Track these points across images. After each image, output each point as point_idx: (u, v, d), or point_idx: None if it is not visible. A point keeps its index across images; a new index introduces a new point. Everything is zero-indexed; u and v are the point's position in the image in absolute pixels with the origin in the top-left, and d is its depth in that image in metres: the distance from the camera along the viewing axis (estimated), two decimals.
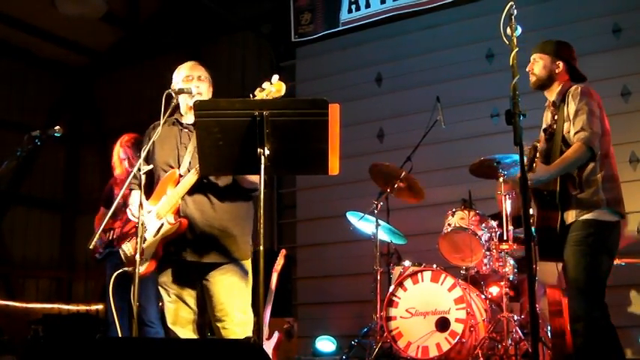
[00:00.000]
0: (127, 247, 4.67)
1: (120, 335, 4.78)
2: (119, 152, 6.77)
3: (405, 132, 9.03)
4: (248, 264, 4.54)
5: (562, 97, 4.83)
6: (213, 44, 11.85)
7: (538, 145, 4.76)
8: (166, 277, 4.51)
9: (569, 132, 4.71)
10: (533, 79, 4.97)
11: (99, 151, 12.89)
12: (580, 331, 4.49)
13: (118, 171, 6.75)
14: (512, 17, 3.96)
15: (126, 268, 4.54)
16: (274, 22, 11.26)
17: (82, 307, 12.28)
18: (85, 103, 13.52)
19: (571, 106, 4.71)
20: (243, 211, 4.55)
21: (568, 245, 4.64)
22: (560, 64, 4.91)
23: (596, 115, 4.65)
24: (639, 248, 7.78)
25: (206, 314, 4.54)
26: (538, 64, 4.95)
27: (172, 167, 4.50)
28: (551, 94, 4.94)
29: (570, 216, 4.67)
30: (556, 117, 4.84)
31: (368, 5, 9.97)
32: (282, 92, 4.18)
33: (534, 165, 4.69)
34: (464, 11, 9.38)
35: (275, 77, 4.11)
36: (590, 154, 4.59)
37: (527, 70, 4.97)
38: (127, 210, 4.56)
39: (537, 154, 4.70)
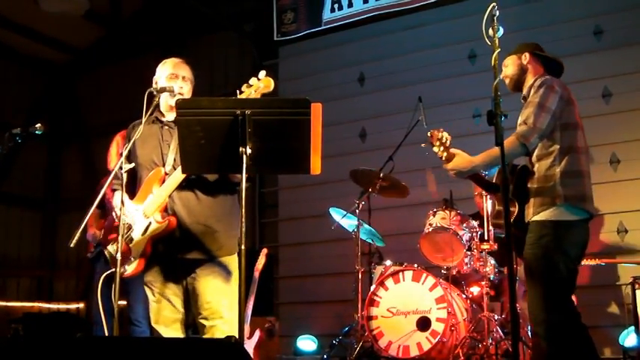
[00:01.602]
0: (113, 248, 4.64)
1: (107, 334, 4.76)
2: (119, 144, 6.72)
3: (387, 132, 9.05)
4: (233, 260, 4.51)
5: (529, 91, 4.68)
6: (196, 43, 11.82)
7: (439, 133, 4.71)
8: (152, 277, 4.49)
9: None
10: (507, 80, 4.85)
11: (80, 150, 12.86)
12: (542, 335, 4.34)
13: (113, 164, 6.69)
14: (495, 18, 3.96)
15: (114, 270, 4.52)
16: (257, 21, 11.26)
17: (63, 306, 12.23)
18: (67, 102, 13.44)
19: (529, 98, 4.59)
20: (228, 206, 4.53)
21: (525, 248, 4.50)
22: (526, 55, 4.79)
23: (546, 109, 4.44)
24: (619, 249, 7.86)
25: (190, 313, 4.52)
26: (508, 67, 4.85)
27: (157, 165, 4.48)
28: (525, 90, 4.80)
29: (529, 213, 4.52)
30: None
31: (350, 5, 9.99)
32: (271, 88, 4.17)
33: (446, 153, 4.63)
34: (446, 12, 9.40)
35: (262, 73, 4.09)
36: (523, 151, 4.45)
37: (501, 77, 4.79)
38: (113, 213, 4.53)
39: (447, 142, 4.65)
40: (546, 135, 4.47)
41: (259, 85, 4.12)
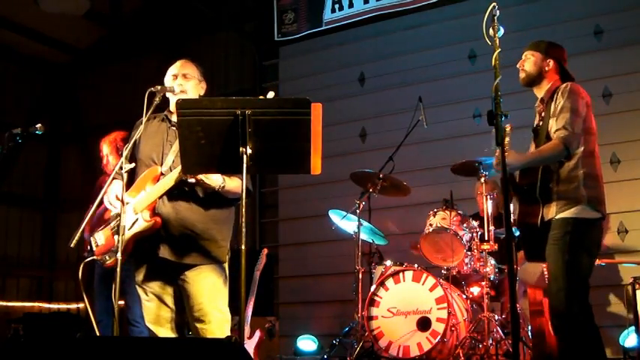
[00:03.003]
0: (99, 237, 4.64)
1: (98, 333, 4.75)
2: (112, 146, 6.77)
3: (387, 132, 9.06)
4: (225, 265, 4.54)
5: (551, 95, 4.81)
6: (196, 43, 11.81)
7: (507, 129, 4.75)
8: (143, 277, 4.48)
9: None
10: (522, 75, 4.95)
11: (80, 150, 12.84)
12: (559, 327, 4.51)
13: (111, 165, 6.73)
14: (495, 18, 3.97)
15: (94, 257, 4.53)
16: (257, 21, 11.26)
17: (63, 306, 12.23)
18: (67, 102, 13.43)
19: (558, 103, 4.69)
20: (221, 215, 4.52)
21: (548, 243, 4.62)
22: (551, 62, 4.91)
23: (579, 115, 4.63)
24: (619, 249, 7.86)
25: (184, 313, 4.52)
26: (529, 61, 4.94)
27: (155, 163, 4.48)
28: (540, 92, 4.93)
29: (551, 211, 4.64)
30: (543, 114, 4.83)
31: (351, 5, 10.00)
32: None
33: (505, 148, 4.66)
34: (447, 12, 9.40)
35: (271, 94, 4.06)
36: (566, 154, 4.59)
37: (517, 66, 4.97)
38: (104, 197, 4.51)
39: (507, 139, 4.67)
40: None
41: None
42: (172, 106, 4.63)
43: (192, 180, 4.23)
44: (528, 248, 4.84)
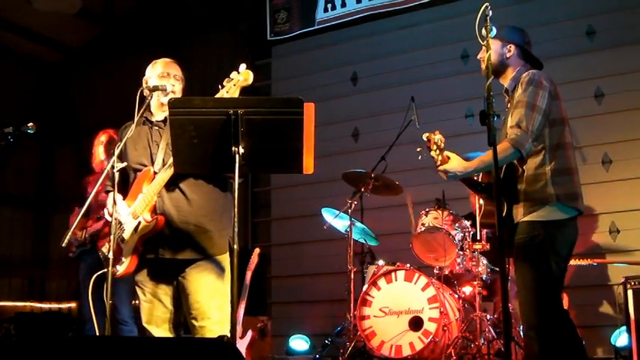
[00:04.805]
0: (106, 248, 4.64)
1: (97, 334, 4.76)
2: (105, 144, 6.83)
3: (380, 131, 9.06)
4: (225, 259, 4.52)
5: (515, 85, 4.52)
6: (189, 42, 11.79)
7: (435, 136, 4.58)
8: (142, 276, 4.49)
9: None
10: (483, 65, 4.45)
11: (74, 149, 12.81)
12: (534, 338, 4.23)
13: (96, 161, 6.80)
14: (488, 18, 3.95)
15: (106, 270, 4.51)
16: (250, 21, 11.24)
17: (55, 306, 12.20)
18: (60, 101, 13.40)
19: (517, 95, 4.41)
20: (219, 204, 4.53)
21: (515, 249, 4.36)
22: (512, 47, 4.60)
23: (537, 109, 4.28)
24: (611, 249, 7.88)
25: (181, 312, 4.52)
26: (489, 52, 4.58)
27: (146, 165, 4.48)
28: (506, 82, 4.64)
29: (519, 213, 4.36)
30: (509, 106, 4.57)
31: (344, 4, 10.00)
32: (250, 81, 4.18)
33: (441, 157, 4.52)
34: (440, 12, 9.40)
35: (242, 66, 4.11)
36: (517, 156, 4.29)
37: (477, 57, 4.65)
38: (104, 210, 4.53)
39: (442, 145, 4.53)
40: (539, 135, 4.33)
41: (238, 78, 4.13)
42: (154, 106, 4.63)
43: None
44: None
